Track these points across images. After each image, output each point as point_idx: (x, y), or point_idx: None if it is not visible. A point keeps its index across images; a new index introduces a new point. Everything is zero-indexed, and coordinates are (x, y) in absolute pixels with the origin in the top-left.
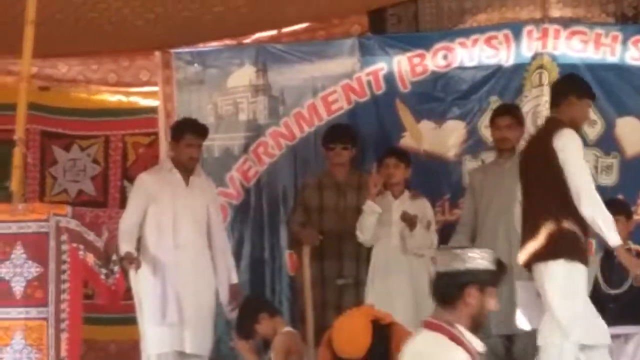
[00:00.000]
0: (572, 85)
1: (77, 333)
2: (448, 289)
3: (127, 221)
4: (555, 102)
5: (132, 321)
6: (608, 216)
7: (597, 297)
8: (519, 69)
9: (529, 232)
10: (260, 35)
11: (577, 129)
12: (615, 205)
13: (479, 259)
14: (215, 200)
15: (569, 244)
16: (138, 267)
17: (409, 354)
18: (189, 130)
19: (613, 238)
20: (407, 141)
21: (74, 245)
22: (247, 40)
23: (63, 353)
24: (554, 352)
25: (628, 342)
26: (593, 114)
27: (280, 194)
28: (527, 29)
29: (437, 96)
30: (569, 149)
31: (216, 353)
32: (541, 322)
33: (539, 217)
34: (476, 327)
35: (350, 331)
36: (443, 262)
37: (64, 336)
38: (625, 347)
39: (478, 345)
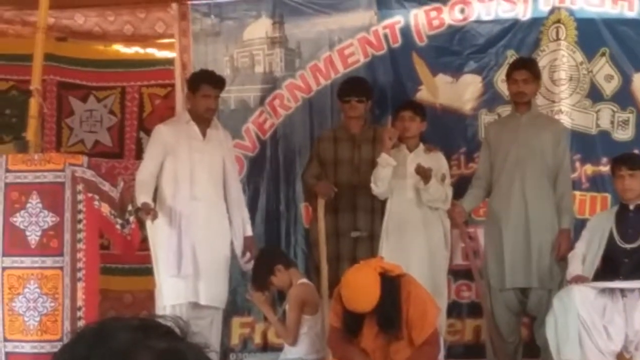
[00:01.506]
0: None
1: (94, 282)
2: None
3: (144, 172)
4: None
5: (147, 272)
6: None
7: (612, 252)
8: (536, 23)
9: None
10: None
11: None
12: (632, 160)
13: None
14: (231, 152)
15: None
16: (155, 218)
17: None
18: (205, 81)
19: None
20: (423, 95)
21: (90, 195)
22: None
23: (80, 302)
24: None
25: None
26: (610, 69)
27: (296, 146)
28: None
29: (453, 50)
30: None
31: (231, 305)
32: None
33: None
34: None
35: (359, 285)
36: None
37: (80, 285)
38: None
39: None
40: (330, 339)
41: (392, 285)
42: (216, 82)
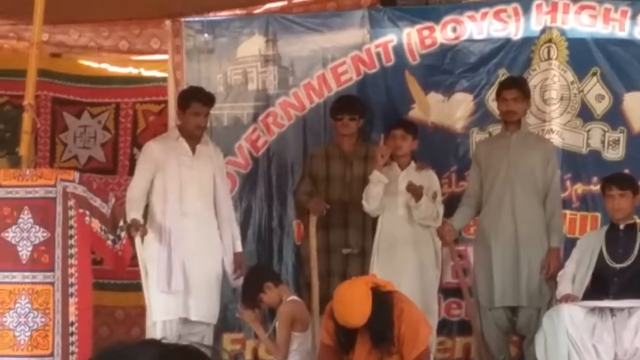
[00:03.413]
0: None
1: (87, 298)
2: None
3: (135, 189)
4: None
5: (139, 287)
6: None
7: (602, 271)
8: (528, 43)
9: None
10: (270, 5)
11: None
12: (622, 180)
13: None
14: (222, 169)
15: None
16: (144, 234)
17: None
18: (195, 99)
19: None
20: (415, 113)
21: (81, 210)
22: (258, 10)
23: (72, 318)
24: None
25: (632, 316)
26: (601, 89)
27: (288, 163)
28: (536, 2)
29: (445, 69)
30: None
31: (222, 321)
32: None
33: None
34: None
35: (351, 299)
36: None
37: (72, 301)
38: (629, 320)
39: None
40: (321, 356)
41: (384, 300)
42: (206, 99)
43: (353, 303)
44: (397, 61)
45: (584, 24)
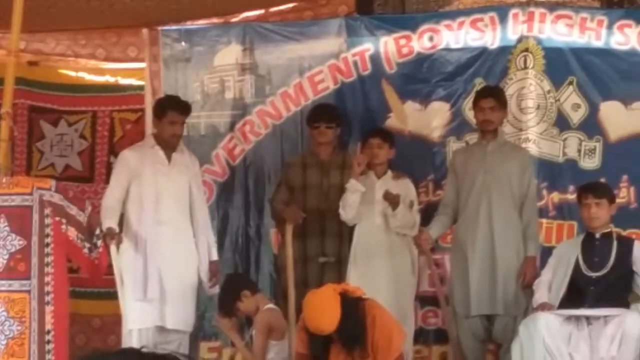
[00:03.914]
0: None
1: (64, 306)
2: None
3: (110, 197)
4: None
5: (115, 296)
6: None
7: (578, 280)
8: (504, 52)
9: None
10: (247, 14)
11: None
12: (598, 189)
13: None
14: (197, 177)
15: None
16: (119, 243)
17: None
18: (171, 108)
19: None
20: (392, 122)
21: (57, 219)
22: (235, 19)
23: (48, 326)
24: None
25: (607, 325)
26: (577, 98)
27: (266, 172)
28: (512, 12)
29: (422, 77)
30: None
31: (199, 329)
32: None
33: None
34: None
35: (319, 306)
36: None
37: (48, 309)
38: (605, 329)
39: None
40: None
41: (353, 304)
42: (182, 108)
43: (322, 308)
44: (374, 70)
45: (561, 33)
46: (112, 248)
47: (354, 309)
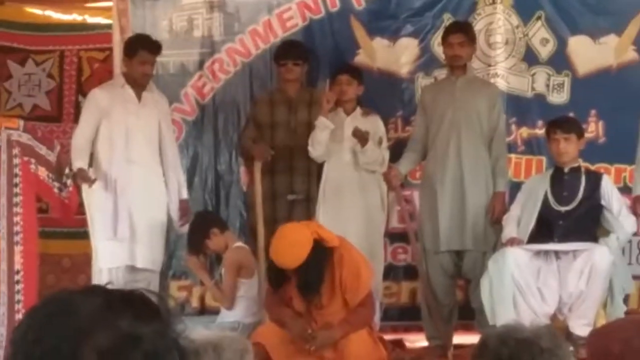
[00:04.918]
0: None
1: (33, 246)
2: None
3: (79, 137)
4: None
5: (85, 235)
6: None
7: (547, 214)
8: None
9: None
10: None
11: None
12: (566, 124)
13: None
14: (167, 116)
15: None
16: (91, 184)
17: None
18: (142, 47)
19: None
20: (361, 58)
21: (26, 159)
22: None
23: (18, 266)
24: None
25: (576, 259)
26: (545, 32)
27: (235, 110)
28: None
29: (390, 14)
30: None
31: (168, 268)
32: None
33: None
34: None
35: (290, 241)
36: None
37: (18, 249)
38: (574, 263)
39: None
40: (267, 302)
41: (322, 255)
42: (154, 47)
43: (290, 244)
44: (343, 6)
45: None
46: (83, 187)
47: (320, 259)
